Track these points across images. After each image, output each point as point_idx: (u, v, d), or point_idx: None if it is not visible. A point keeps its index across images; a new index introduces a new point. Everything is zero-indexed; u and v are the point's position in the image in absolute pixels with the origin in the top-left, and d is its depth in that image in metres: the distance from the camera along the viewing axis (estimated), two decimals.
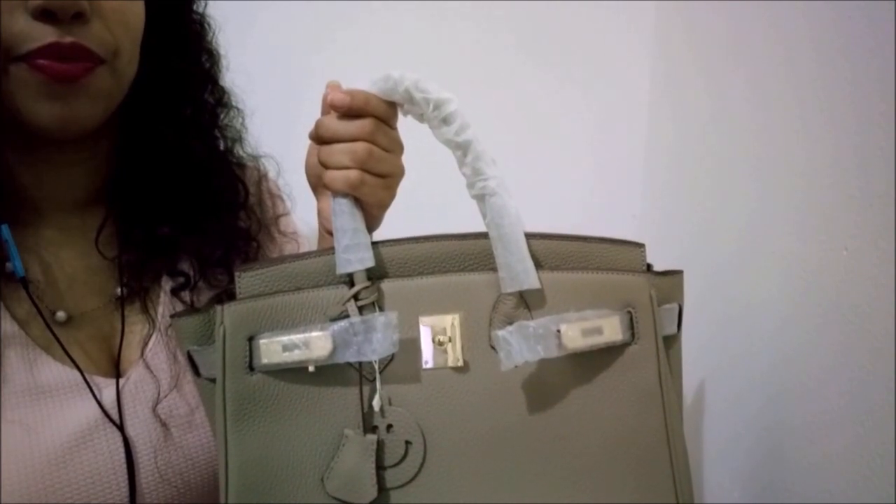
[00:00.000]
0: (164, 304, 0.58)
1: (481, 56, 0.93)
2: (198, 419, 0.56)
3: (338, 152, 0.46)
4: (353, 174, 0.46)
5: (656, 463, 0.48)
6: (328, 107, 0.47)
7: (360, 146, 0.46)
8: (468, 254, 0.49)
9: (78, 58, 0.48)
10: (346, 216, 0.47)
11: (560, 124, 0.95)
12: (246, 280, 0.48)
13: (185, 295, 0.58)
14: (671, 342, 0.52)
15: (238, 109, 0.63)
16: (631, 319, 0.48)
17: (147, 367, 0.56)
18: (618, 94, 0.95)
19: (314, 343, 0.46)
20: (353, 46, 0.92)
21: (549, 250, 0.49)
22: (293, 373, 0.47)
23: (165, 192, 0.58)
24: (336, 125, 0.47)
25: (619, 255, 0.51)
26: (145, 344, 0.56)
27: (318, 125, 0.48)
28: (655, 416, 0.48)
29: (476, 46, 0.93)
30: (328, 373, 0.47)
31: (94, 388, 0.52)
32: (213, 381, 0.48)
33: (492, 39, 0.93)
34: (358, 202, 0.48)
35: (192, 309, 0.51)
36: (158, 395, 0.55)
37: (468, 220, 0.51)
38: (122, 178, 0.58)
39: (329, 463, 0.46)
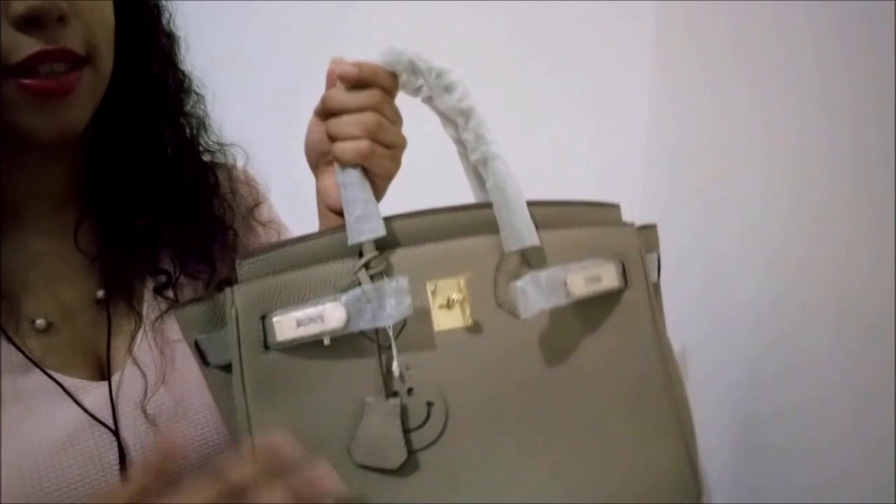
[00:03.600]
0: (148, 301, 0.57)
1: (481, 56, 0.93)
2: (181, 412, 0.55)
3: (347, 123, 0.47)
4: (364, 144, 0.47)
5: (660, 400, 0.51)
6: (335, 79, 0.48)
7: (370, 116, 0.47)
8: (467, 223, 0.51)
9: (66, 61, 0.47)
10: (356, 187, 0.48)
11: (560, 125, 0.97)
12: (247, 267, 0.48)
13: (169, 293, 0.58)
14: (655, 289, 0.55)
15: (199, 95, 0.62)
16: (623, 268, 0.52)
17: (135, 363, 0.55)
18: (618, 95, 0.96)
19: (328, 314, 0.46)
20: (348, 45, 0.91)
21: (539, 214, 0.52)
22: (309, 348, 0.47)
23: (139, 185, 0.57)
24: (344, 96, 0.48)
25: (599, 214, 0.55)
26: (132, 339, 0.55)
27: (325, 98, 0.49)
28: (654, 356, 0.52)
29: (475, 46, 0.94)
30: (343, 345, 0.47)
31: (74, 393, 0.52)
32: (224, 368, 0.48)
33: (491, 39, 0.94)
34: (366, 173, 0.49)
35: (194, 299, 0.50)
36: (146, 391, 0.54)
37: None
38: (96, 174, 0.57)
39: (353, 433, 0.47)
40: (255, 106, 0.90)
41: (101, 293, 0.56)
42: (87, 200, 0.57)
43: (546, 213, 0.52)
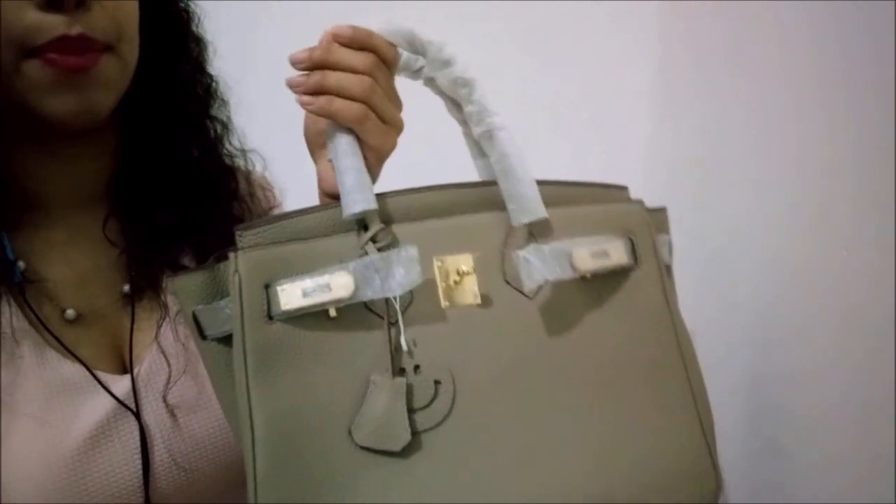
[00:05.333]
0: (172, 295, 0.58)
1: (480, 57, 0.90)
2: (202, 402, 0.56)
3: (344, 79, 0.45)
4: (357, 107, 0.46)
5: (674, 379, 0.50)
6: (329, 39, 0.46)
7: (365, 78, 0.46)
8: (472, 200, 0.50)
9: (87, 47, 0.49)
10: (349, 156, 0.47)
11: (558, 125, 0.96)
12: (249, 238, 0.47)
13: None
14: (667, 271, 0.55)
15: (224, 100, 0.64)
16: (633, 245, 0.51)
17: (159, 353, 0.56)
18: (618, 97, 0.96)
19: (336, 282, 0.44)
20: None
21: (545, 193, 0.51)
22: (314, 320, 0.45)
23: (165, 183, 0.59)
24: (339, 52, 0.46)
25: (607, 194, 0.54)
26: (157, 331, 0.57)
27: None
28: (668, 335, 0.51)
29: (475, 47, 0.90)
30: (349, 319, 0.46)
31: (104, 383, 0.53)
32: (222, 340, 0.46)
33: (490, 40, 0.93)
34: (359, 144, 0.47)
35: (192, 268, 0.49)
36: (168, 381, 0.55)
37: None
38: (125, 173, 0.59)
39: (355, 413, 0.45)
40: (268, 113, 0.91)
41: (126, 287, 0.57)
42: (115, 197, 0.59)
43: (551, 191, 0.51)
